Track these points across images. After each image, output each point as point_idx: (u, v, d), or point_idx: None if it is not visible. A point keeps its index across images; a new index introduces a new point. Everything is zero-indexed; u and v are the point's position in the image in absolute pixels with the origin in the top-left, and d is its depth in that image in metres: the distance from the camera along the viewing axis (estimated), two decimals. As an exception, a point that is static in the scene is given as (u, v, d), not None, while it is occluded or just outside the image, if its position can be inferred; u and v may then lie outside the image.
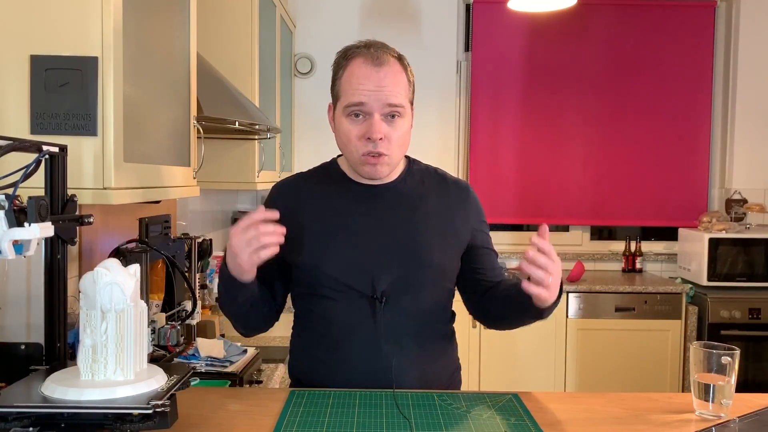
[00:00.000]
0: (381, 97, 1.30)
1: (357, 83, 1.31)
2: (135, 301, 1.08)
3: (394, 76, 1.32)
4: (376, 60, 1.31)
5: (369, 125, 1.30)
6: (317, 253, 1.36)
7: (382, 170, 1.35)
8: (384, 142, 1.31)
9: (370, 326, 1.34)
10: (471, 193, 1.49)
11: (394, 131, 1.32)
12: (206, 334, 2.13)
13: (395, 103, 1.31)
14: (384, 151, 1.32)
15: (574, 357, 3.53)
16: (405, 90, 1.35)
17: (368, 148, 1.31)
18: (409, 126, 1.38)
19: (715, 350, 1.21)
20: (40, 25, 1.24)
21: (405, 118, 1.35)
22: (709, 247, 3.59)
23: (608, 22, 4.00)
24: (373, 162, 1.33)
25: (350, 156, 1.36)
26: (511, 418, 1.18)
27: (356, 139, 1.32)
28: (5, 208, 0.97)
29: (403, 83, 1.34)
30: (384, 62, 1.31)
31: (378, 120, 1.30)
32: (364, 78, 1.30)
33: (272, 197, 1.45)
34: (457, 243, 1.43)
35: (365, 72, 1.31)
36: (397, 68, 1.34)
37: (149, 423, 0.98)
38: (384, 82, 1.30)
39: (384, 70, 1.31)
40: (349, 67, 1.33)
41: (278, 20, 3.30)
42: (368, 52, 1.32)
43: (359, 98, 1.30)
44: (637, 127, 4.03)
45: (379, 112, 1.31)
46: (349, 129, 1.33)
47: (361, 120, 1.32)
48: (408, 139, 1.39)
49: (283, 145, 3.46)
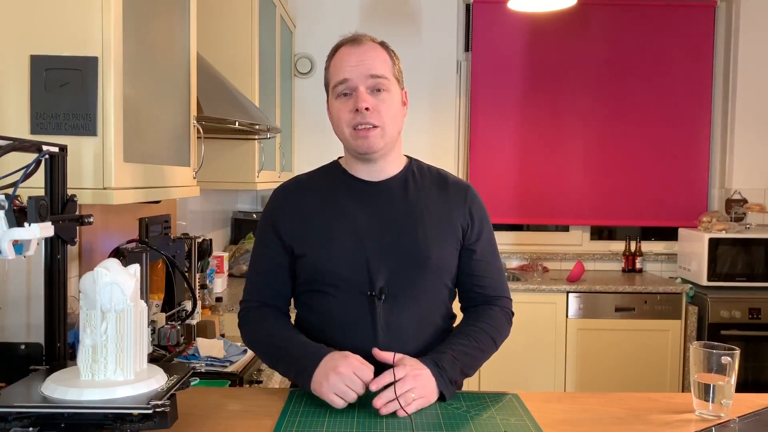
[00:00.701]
0: (362, 69, 1.34)
1: (340, 63, 1.37)
2: (135, 301, 1.08)
3: (374, 51, 1.37)
4: (355, 41, 1.38)
5: (356, 98, 1.34)
6: (317, 249, 1.37)
7: (375, 142, 1.35)
8: (372, 113, 1.34)
9: (369, 323, 1.34)
10: (471, 193, 1.48)
11: (381, 103, 1.35)
12: (206, 334, 2.13)
13: (377, 73, 1.35)
14: (374, 122, 1.34)
15: (574, 357, 3.53)
16: (387, 64, 1.38)
17: (357, 120, 1.34)
18: (398, 102, 1.40)
19: (715, 350, 1.21)
20: (40, 25, 1.24)
21: (391, 93, 1.37)
22: (709, 247, 3.59)
23: (608, 22, 4.00)
24: (363, 135, 1.34)
25: (343, 135, 1.38)
26: (511, 418, 1.18)
27: (345, 113, 1.35)
28: (5, 208, 0.97)
29: (384, 58, 1.38)
30: (363, 42, 1.38)
31: (363, 91, 1.34)
32: (346, 56, 1.36)
33: (276, 198, 1.46)
34: (456, 241, 1.43)
35: (346, 51, 1.37)
36: (376, 46, 1.39)
37: (149, 423, 0.98)
38: (364, 57, 1.35)
39: (364, 47, 1.37)
40: (335, 55, 1.39)
41: (278, 20, 3.30)
42: (350, 38, 1.39)
43: (342, 74, 1.35)
44: (637, 127, 4.03)
45: (363, 84, 1.34)
46: (339, 108, 1.37)
47: (348, 98, 1.35)
48: (400, 116, 1.41)
49: (283, 145, 3.46)
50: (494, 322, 1.42)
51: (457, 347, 1.33)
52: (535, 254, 4.09)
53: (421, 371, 1.23)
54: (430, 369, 1.25)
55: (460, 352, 1.32)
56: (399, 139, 1.44)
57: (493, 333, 1.40)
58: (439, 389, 1.25)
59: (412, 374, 1.21)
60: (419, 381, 1.21)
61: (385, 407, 1.17)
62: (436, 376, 1.25)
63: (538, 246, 4.17)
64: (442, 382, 1.25)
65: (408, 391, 1.19)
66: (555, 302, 3.51)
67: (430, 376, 1.24)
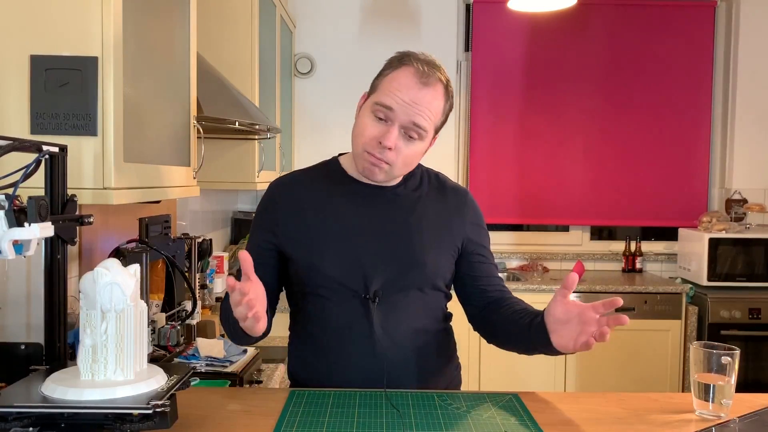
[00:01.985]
0: (410, 112, 1.29)
1: (396, 88, 1.30)
2: (135, 301, 1.08)
3: (432, 100, 1.31)
4: (423, 77, 1.29)
5: (386, 132, 1.30)
6: (312, 251, 1.36)
7: (378, 175, 1.34)
8: (391, 153, 1.31)
9: (365, 326, 1.34)
10: (469, 199, 1.48)
11: (406, 148, 1.32)
12: (206, 334, 2.13)
13: (420, 124, 1.30)
14: (390, 161, 1.32)
15: (574, 357, 3.53)
16: (436, 116, 1.33)
17: (376, 151, 1.31)
18: (423, 150, 1.37)
19: (715, 350, 1.21)
20: (40, 25, 1.24)
21: (423, 142, 1.34)
22: (709, 247, 3.59)
23: (608, 22, 4.00)
24: (373, 162, 1.32)
25: (356, 148, 1.35)
26: (511, 418, 1.18)
27: (369, 137, 1.32)
28: (5, 208, 0.97)
29: (437, 109, 1.33)
30: (430, 83, 1.30)
31: (395, 131, 1.30)
32: (405, 88, 1.29)
33: (271, 194, 1.44)
34: (452, 247, 1.42)
35: (409, 83, 1.29)
36: (440, 94, 1.32)
37: (149, 423, 0.98)
38: (420, 102, 1.29)
39: (426, 90, 1.29)
40: (399, 70, 1.32)
41: (278, 20, 3.30)
42: (421, 66, 1.30)
43: (391, 102, 1.29)
44: (636, 127, 4.03)
45: (402, 125, 1.30)
46: (367, 124, 1.32)
47: (381, 123, 1.31)
48: (417, 161, 1.39)
49: (283, 145, 3.46)
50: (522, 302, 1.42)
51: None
52: (535, 254, 4.09)
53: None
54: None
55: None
56: None
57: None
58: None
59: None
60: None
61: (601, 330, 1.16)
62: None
63: (538, 246, 4.17)
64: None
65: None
66: (555, 302, 3.51)
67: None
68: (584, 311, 1.19)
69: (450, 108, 1.37)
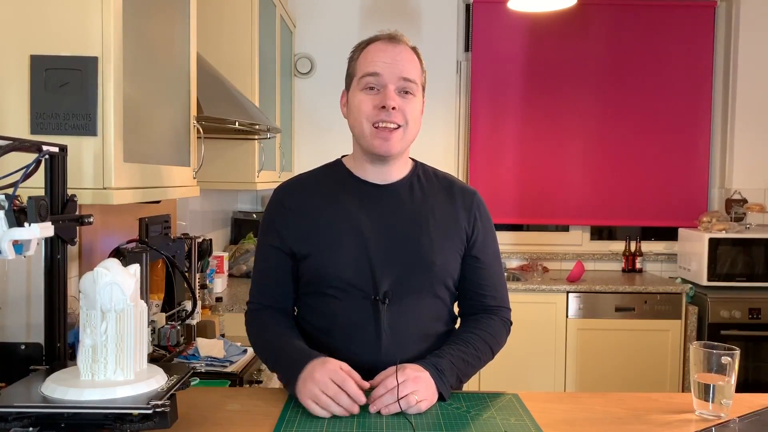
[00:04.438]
0: (395, 70, 1.33)
1: (373, 57, 1.35)
2: (135, 301, 1.08)
3: (409, 54, 1.37)
4: (392, 39, 1.37)
5: (384, 95, 1.33)
6: (321, 253, 1.36)
7: (394, 145, 1.35)
8: (398, 113, 1.33)
9: (373, 326, 1.34)
10: (477, 200, 1.47)
11: (407, 105, 1.35)
12: (206, 334, 2.12)
13: (409, 77, 1.34)
14: (398, 121, 1.33)
15: (574, 357, 3.53)
16: (418, 70, 1.38)
17: (381, 117, 1.33)
18: (420, 109, 1.40)
19: (715, 350, 1.21)
20: (40, 25, 1.24)
21: (417, 98, 1.37)
22: (709, 247, 3.58)
23: (608, 22, 3.99)
24: (385, 136, 1.33)
25: (361, 130, 1.36)
26: (511, 418, 1.18)
27: (370, 109, 1.34)
28: (5, 208, 0.97)
29: (416, 64, 1.38)
30: (400, 42, 1.37)
31: (392, 90, 1.33)
32: (381, 52, 1.35)
33: (278, 198, 1.44)
34: (459, 247, 1.42)
35: (381, 47, 1.36)
36: (411, 51, 1.39)
37: (149, 423, 0.98)
38: (399, 57, 1.34)
39: (400, 47, 1.36)
40: (367, 48, 1.38)
41: (278, 20, 3.30)
42: (385, 35, 1.38)
43: (374, 68, 1.33)
44: (636, 127, 4.03)
45: (394, 84, 1.33)
46: (362, 100, 1.34)
47: (375, 92, 1.34)
48: (419, 122, 1.41)
49: (283, 145, 3.46)
50: (493, 331, 1.42)
51: (456, 353, 1.33)
52: (535, 254, 4.09)
53: (421, 374, 1.23)
54: (430, 372, 1.25)
55: (458, 358, 1.32)
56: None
57: (492, 342, 1.40)
58: (439, 392, 1.25)
59: (412, 377, 1.21)
60: (420, 383, 1.21)
61: (386, 408, 1.17)
62: (436, 379, 1.24)
63: (538, 246, 4.17)
64: (441, 385, 1.25)
65: (411, 393, 1.19)
66: (555, 302, 3.52)
67: (430, 378, 1.24)
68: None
69: (424, 70, 1.42)
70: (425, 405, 1.20)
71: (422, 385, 1.21)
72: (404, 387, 1.19)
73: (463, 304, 1.48)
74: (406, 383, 1.19)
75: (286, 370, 1.27)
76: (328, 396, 1.17)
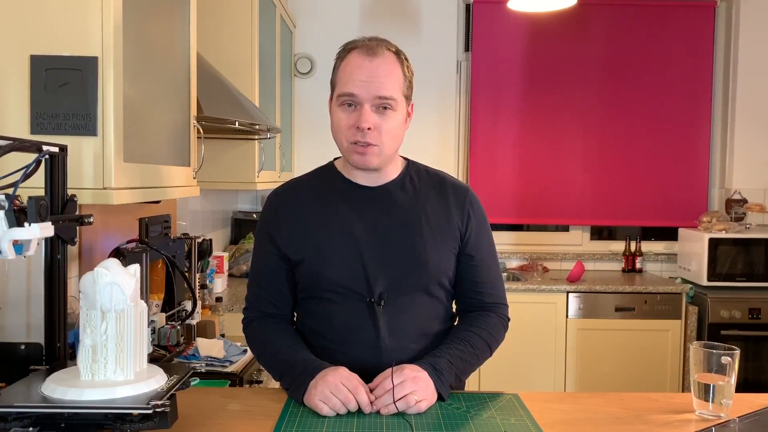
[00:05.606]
0: (371, 88, 1.30)
1: (350, 73, 1.32)
2: (135, 301, 1.08)
3: (387, 66, 1.32)
4: (370, 51, 1.32)
5: (359, 115, 1.31)
6: (315, 257, 1.36)
7: (370, 160, 1.34)
8: (373, 133, 1.31)
9: (370, 328, 1.34)
10: (470, 196, 1.46)
11: (384, 122, 1.32)
12: (206, 334, 2.12)
13: (385, 95, 1.31)
14: (372, 141, 1.32)
15: (574, 357, 3.53)
16: (398, 83, 1.34)
17: (356, 138, 1.32)
18: (402, 120, 1.36)
19: (715, 350, 1.21)
20: (40, 25, 1.24)
21: (397, 112, 1.34)
22: (709, 247, 3.58)
23: (608, 23, 3.99)
24: (361, 151, 1.33)
25: (341, 145, 1.37)
26: (511, 418, 1.18)
27: (346, 128, 1.33)
28: (5, 208, 0.97)
29: (396, 76, 1.33)
30: (378, 54, 1.32)
31: (367, 110, 1.31)
32: (357, 68, 1.31)
33: (271, 205, 1.44)
34: (454, 245, 1.42)
35: (359, 62, 1.31)
36: (392, 60, 1.33)
37: (149, 423, 0.98)
38: (376, 73, 1.30)
39: (377, 61, 1.31)
40: (346, 58, 1.35)
41: (278, 20, 3.30)
42: (365, 44, 1.34)
43: (350, 89, 1.31)
44: (637, 127, 4.03)
45: (369, 103, 1.31)
46: (340, 117, 1.34)
47: (352, 110, 1.32)
48: (401, 133, 1.38)
49: (283, 145, 3.46)
50: (491, 328, 1.42)
51: (454, 351, 1.33)
52: (535, 254, 4.09)
53: (419, 374, 1.23)
54: (428, 372, 1.25)
55: (455, 356, 1.32)
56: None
57: (489, 339, 1.41)
58: (438, 391, 1.25)
59: (411, 377, 1.21)
60: (419, 383, 1.21)
61: (386, 408, 1.18)
62: (434, 379, 1.25)
63: (538, 246, 4.17)
64: (440, 385, 1.25)
65: (410, 393, 1.19)
66: (555, 302, 3.52)
67: (428, 378, 1.24)
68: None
69: (411, 73, 1.38)
70: (425, 405, 1.20)
71: (421, 385, 1.21)
72: (403, 387, 1.19)
73: (460, 301, 1.48)
74: (404, 383, 1.20)
75: (297, 378, 1.27)
76: (339, 399, 1.18)
